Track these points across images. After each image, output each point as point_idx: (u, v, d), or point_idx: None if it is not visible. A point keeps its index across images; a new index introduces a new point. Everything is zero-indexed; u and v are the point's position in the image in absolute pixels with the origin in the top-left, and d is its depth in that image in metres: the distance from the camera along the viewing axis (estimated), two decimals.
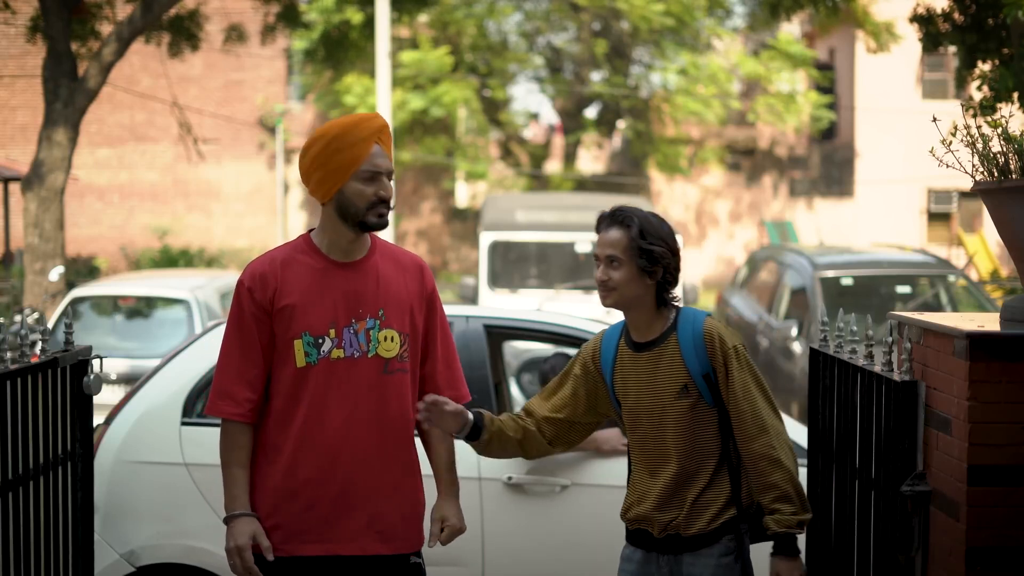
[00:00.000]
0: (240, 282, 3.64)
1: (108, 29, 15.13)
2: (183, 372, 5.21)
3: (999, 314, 3.83)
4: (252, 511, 3.61)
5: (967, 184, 3.86)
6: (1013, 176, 3.66)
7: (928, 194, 29.02)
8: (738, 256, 29.41)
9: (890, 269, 12.66)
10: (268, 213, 29.36)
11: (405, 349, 3.70)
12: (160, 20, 15.56)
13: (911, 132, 23.73)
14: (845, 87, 30.02)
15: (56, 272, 13.22)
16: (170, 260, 24.93)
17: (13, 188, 21.69)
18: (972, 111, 8.89)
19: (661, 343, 3.71)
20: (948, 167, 3.80)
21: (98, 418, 4.90)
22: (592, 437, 4.96)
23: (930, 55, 26.61)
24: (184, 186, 29.24)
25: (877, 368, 4.00)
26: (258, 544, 3.57)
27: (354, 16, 21.44)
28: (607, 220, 3.72)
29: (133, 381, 10.22)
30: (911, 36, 17.17)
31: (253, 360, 3.61)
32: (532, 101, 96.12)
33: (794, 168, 30.77)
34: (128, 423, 5.11)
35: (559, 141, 34.01)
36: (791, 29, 30.66)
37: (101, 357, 4.59)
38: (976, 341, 3.49)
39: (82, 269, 23.20)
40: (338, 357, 3.62)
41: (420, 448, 3.90)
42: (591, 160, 39.23)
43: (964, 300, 12.02)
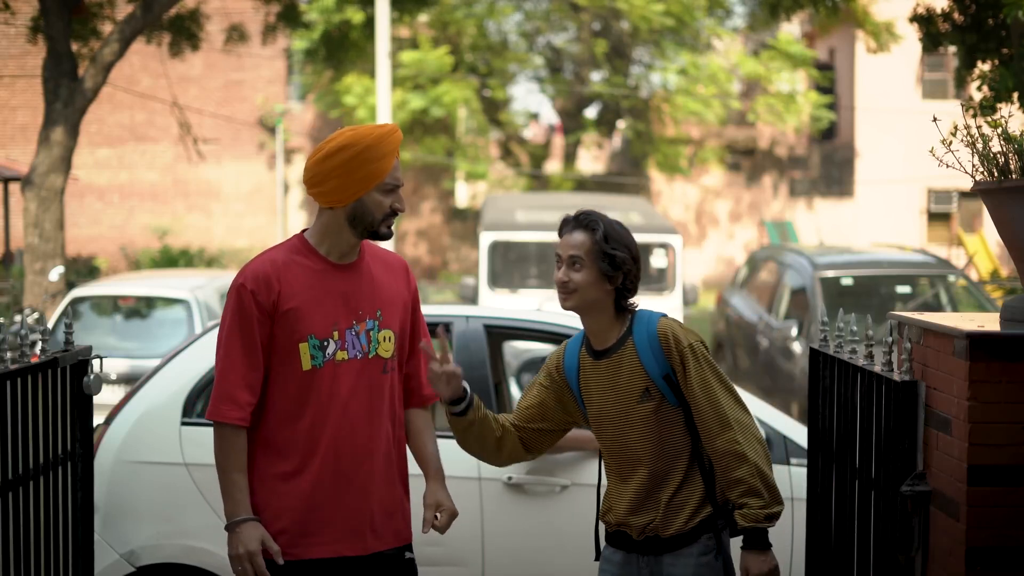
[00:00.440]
0: (241, 285, 3.59)
1: (108, 29, 15.12)
2: (183, 372, 5.21)
3: (999, 314, 3.83)
4: (255, 516, 3.60)
5: (967, 184, 3.86)
6: (1013, 176, 3.66)
7: (928, 194, 29.02)
8: (738, 256, 29.41)
9: (890, 269, 12.66)
10: (268, 213, 29.37)
11: (395, 348, 3.74)
12: (161, 20, 15.56)
13: (911, 132, 23.74)
14: (845, 87, 30.02)
15: (56, 272, 13.21)
16: (170, 260, 24.91)
17: (13, 188, 21.68)
18: (972, 111, 8.88)
19: (618, 349, 3.73)
20: (948, 167, 3.80)
21: (98, 418, 4.90)
22: (588, 438, 4.97)
23: (930, 55, 26.61)
24: (184, 186, 29.24)
25: (877, 368, 4.01)
26: (267, 549, 3.55)
27: (355, 16, 21.43)
28: (572, 223, 3.74)
29: (133, 381, 10.21)
30: (911, 36, 17.17)
31: (255, 363, 3.60)
32: (532, 101, 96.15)
33: (794, 168, 30.77)
34: (128, 423, 5.11)
35: (559, 141, 34.00)
36: (791, 29, 30.65)
37: (101, 357, 4.59)
38: (976, 341, 3.50)
39: (82, 269, 23.18)
40: (342, 359, 3.63)
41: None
42: (591, 160, 39.21)
43: (964, 300, 12.02)
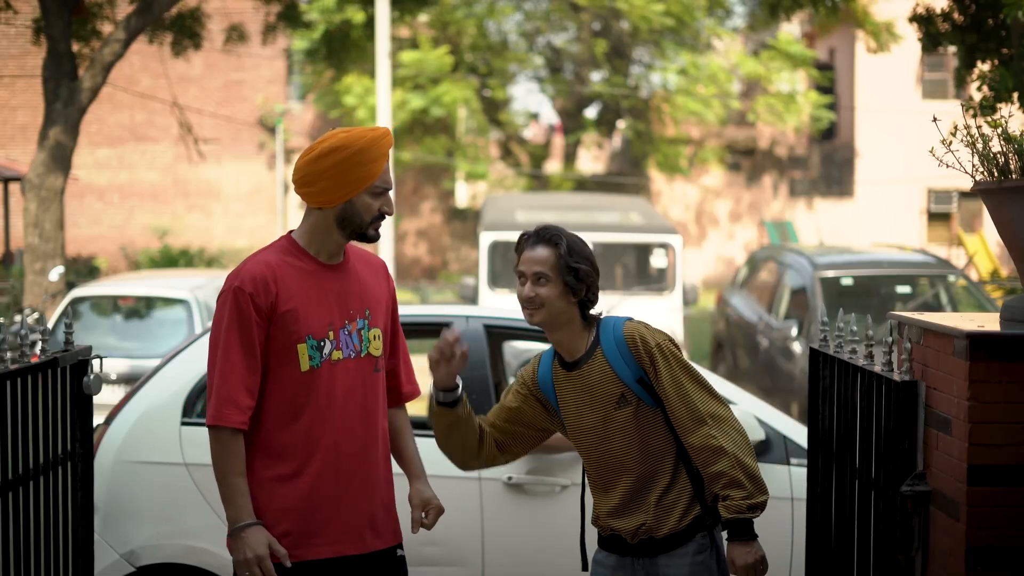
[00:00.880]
0: (238, 288, 3.57)
1: (108, 29, 15.12)
2: (183, 372, 5.21)
3: (999, 314, 3.83)
4: (258, 520, 3.59)
5: (967, 184, 3.86)
6: (1013, 176, 3.66)
7: (928, 194, 29.02)
8: (738, 256, 29.41)
9: (890, 269, 12.66)
10: (268, 213, 29.37)
11: (383, 347, 3.79)
12: (161, 19, 15.56)
13: (911, 132, 23.72)
14: (845, 87, 30.02)
15: (56, 272, 13.21)
16: (170, 260, 24.90)
17: (13, 188, 21.70)
18: (972, 111, 8.88)
19: (588, 359, 3.75)
20: (948, 167, 3.80)
21: (98, 418, 4.90)
22: None
23: (930, 55, 26.61)
24: (184, 186, 29.24)
25: (877, 368, 4.01)
26: (274, 552, 3.54)
27: (355, 16, 21.43)
28: (533, 238, 3.76)
29: (133, 381, 10.21)
30: (911, 36, 17.16)
31: (254, 366, 3.59)
32: (532, 101, 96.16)
33: (794, 168, 30.77)
34: (128, 423, 5.11)
35: (559, 141, 34.00)
36: (791, 29, 30.65)
37: (101, 357, 4.59)
38: (976, 341, 3.50)
39: (82, 269, 23.18)
40: (338, 359, 3.65)
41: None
42: (591, 160, 39.22)
43: (964, 300, 12.02)
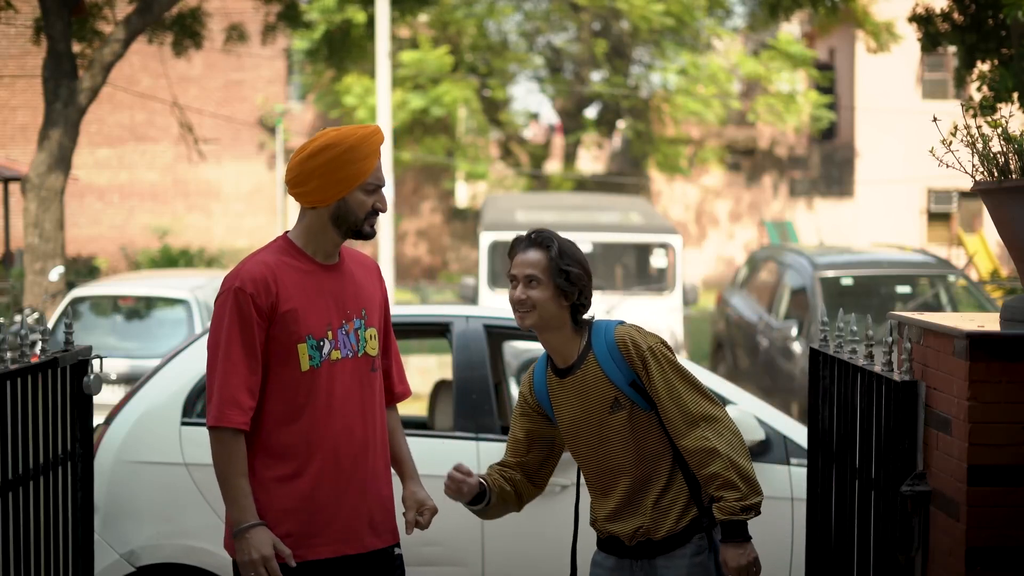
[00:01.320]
0: (239, 288, 3.58)
1: (108, 29, 15.12)
2: (183, 372, 5.21)
3: (999, 314, 3.83)
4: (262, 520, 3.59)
5: (967, 184, 3.86)
6: (1013, 176, 3.66)
7: (928, 194, 29.02)
8: (738, 256, 29.41)
9: (890, 269, 12.66)
10: (268, 213, 29.36)
11: (379, 347, 3.80)
12: (161, 19, 15.55)
13: (911, 132, 23.70)
14: (845, 87, 30.01)
15: (56, 272, 13.21)
16: (170, 260, 24.89)
17: (13, 188, 21.69)
18: (972, 111, 8.88)
19: (581, 365, 3.74)
20: (948, 167, 3.80)
21: (98, 418, 4.90)
22: None
23: (930, 55, 26.58)
24: (184, 186, 29.23)
25: (877, 368, 4.00)
26: (279, 552, 3.54)
27: (355, 15, 21.42)
28: (525, 242, 3.75)
29: (133, 381, 10.21)
30: (911, 36, 17.16)
31: (255, 367, 3.59)
32: (532, 101, 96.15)
33: (794, 168, 30.76)
34: (128, 423, 5.11)
35: (559, 141, 33.99)
36: (791, 29, 30.65)
37: (101, 357, 4.59)
38: (976, 341, 3.49)
39: (82, 269, 23.17)
40: (336, 358, 3.65)
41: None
42: (591, 160, 39.21)
43: (964, 300, 12.02)
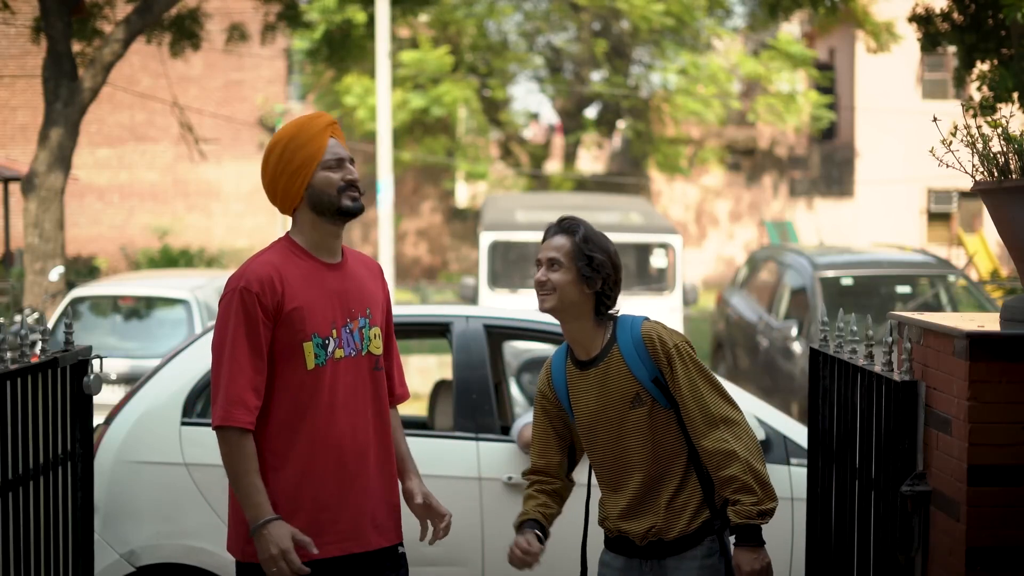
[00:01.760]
0: (244, 288, 3.58)
1: (108, 29, 15.12)
2: (183, 372, 5.21)
3: (999, 314, 3.83)
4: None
5: (967, 184, 3.86)
6: (1013, 176, 3.66)
7: (928, 194, 29.02)
8: (738, 256, 29.41)
9: (890, 269, 12.66)
10: (268, 213, 29.34)
11: (382, 346, 3.81)
12: (161, 20, 15.56)
13: (911, 132, 23.73)
14: (845, 87, 30.01)
15: (56, 272, 13.21)
16: (170, 260, 24.90)
17: (13, 188, 21.67)
18: (972, 111, 8.88)
19: (604, 358, 3.74)
20: (948, 167, 3.80)
21: (98, 418, 4.90)
22: None
23: (930, 55, 26.59)
24: (184, 186, 29.22)
25: (877, 368, 4.00)
26: (299, 543, 3.53)
27: (356, 15, 21.42)
28: (554, 228, 3.79)
29: (133, 381, 10.21)
30: (911, 36, 17.16)
31: (260, 367, 3.59)
32: (532, 101, 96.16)
33: (794, 168, 30.76)
34: (128, 423, 5.12)
35: (559, 141, 33.99)
36: (791, 29, 30.65)
37: (101, 357, 4.59)
38: (976, 341, 3.49)
39: (82, 269, 23.18)
40: (340, 357, 3.66)
41: None
42: (591, 160, 39.22)
43: (964, 300, 12.01)
